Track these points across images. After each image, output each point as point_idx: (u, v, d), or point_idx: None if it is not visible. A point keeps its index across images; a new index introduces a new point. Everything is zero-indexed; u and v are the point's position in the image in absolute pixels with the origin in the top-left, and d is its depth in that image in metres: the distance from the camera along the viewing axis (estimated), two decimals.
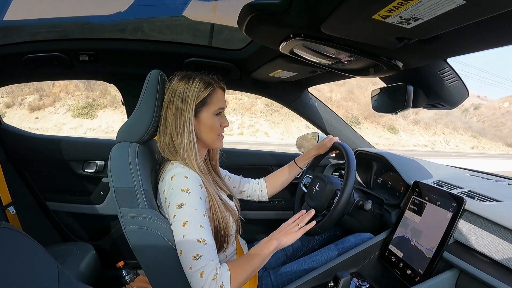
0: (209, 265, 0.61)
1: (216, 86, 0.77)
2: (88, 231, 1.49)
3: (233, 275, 0.63)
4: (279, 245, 0.71)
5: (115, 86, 1.31)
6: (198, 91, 0.74)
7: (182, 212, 0.64)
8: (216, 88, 0.77)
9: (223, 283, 0.60)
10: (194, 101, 0.74)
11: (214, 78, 0.79)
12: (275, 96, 1.38)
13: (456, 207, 0.71)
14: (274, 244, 0.70)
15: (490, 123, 22.65)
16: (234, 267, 0.65)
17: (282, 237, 0.72)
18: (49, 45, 1.12)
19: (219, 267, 0.62)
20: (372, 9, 0.42)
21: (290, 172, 1.07)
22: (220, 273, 0.61)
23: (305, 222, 0.76)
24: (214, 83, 0.77)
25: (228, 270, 0.63)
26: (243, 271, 0.65)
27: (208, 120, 0.77)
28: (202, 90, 0.74)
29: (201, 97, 0.74)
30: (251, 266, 0.67)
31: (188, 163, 0.72)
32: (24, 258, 0.35)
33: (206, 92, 0.75)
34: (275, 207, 1.46)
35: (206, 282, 0.59)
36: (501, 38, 0.50)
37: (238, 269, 0.65)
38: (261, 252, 0.69)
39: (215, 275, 0.60)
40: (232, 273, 0.63)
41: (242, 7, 0.59)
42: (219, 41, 1.18)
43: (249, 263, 0.67)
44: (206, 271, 0.60)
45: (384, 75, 0.86)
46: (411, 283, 0.72)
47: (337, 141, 1.02)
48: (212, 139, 0.79)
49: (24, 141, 1.37)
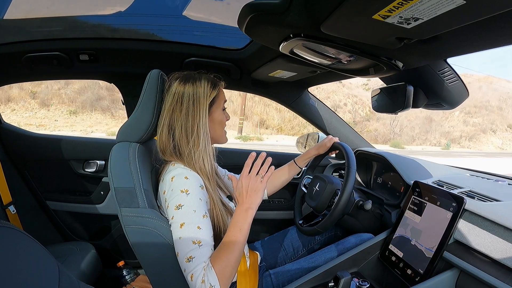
0: (199, 267, 0.59)
1: (220, 84, 0.78)
2: (89, 230, 1.49)
3: (218, 270, 0.59)
4: (255, 210, 0.67)
5: (115, 85, 1.31)
6: (208, 91, 0.74)
7: (180, 213, 0.64)
8: (220, 85, 0.78)
9: (212, 284, 0.57)
10: (207, 101, 0.73)
11: (216, 76, 0.80)
12: (275, 96, 1.38)
13: (456, 207, 0.71)
14: (250, 213, 0.66)
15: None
16: (217, 262, 0.60)
17: (253, 200, 0.67)
18: (49, 44, 1.12)
19: (207, 268, 0.59)
20: (372, 9, 0.42)
21: (290, 172, 1.07)
22: (207, 274, 0.58)
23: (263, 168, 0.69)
24: (218, 81, 0.78)
25: (212, 267, 0.59)
26: (228, 262, 0.60)
27: (219, 117, 0.78)
28: (212, 90, 0.74)
29: (212, 97, 0.74)
30: (234, 253, 0.62)
31: (196, 167, 0.71)
32: (24, 258, 0.35)
33: (215, 91, 0.75)
34: (275, 207, 1.46)
35: (197, 285, 0.58)
36: (501, 38, 0.50)
37: (221, 262, 0.60)
38: (239, 231, 0.64)
39: (202, 277, 0.58)
40: (217, 270, 0.59)
41: (242, 7, 0.59)
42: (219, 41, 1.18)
43: (231, 250, 0.62)
44: (196, 274, 0.58)
45: (384, 75, 0.86)
46: (411, 283, 0.72)
47: (337, 141, 1.03)
48: (221, 134, 0.81)
49: (24, 140, 1.37)
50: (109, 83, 1.32)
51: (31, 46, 1.12)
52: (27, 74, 1.25)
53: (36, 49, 1.12)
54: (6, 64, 1.18)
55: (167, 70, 0.83)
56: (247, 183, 0.68)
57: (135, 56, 1.19)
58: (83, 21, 1.10)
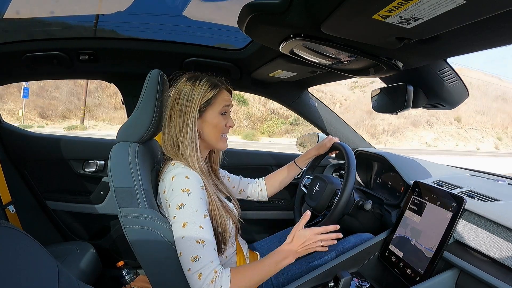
0: (208, 266, 0.60)
1: (222, 88, 0.78)
2: (88, 230, 1.49)
3: (234, 281, 0.61)
4: (294, 259, 0.69)
5: (115, 85, 1.31)
6: (204, 92, 0.74)
7: (182, 212, 0.64)
8: (222, 89, 0.78)
9: (223, 287, 0.59)
10: (199, 101, 0.73)
11: (221, 79, 0.79)
12: (275, 96, 1.38)
13: (456, 206, 0.71)
14: (291, 258, 0.68)
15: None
16: (238, 274, 0.63)
17: (302, 253, 0.70)
18: (49, 43, 1.12)
19: (220, 270, 0.61)
20: (372, 9, 0.42)
21: (290, 172, 1.07)
22: (220, 276, 0.60)
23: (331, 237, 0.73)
24: (221, 84, 0.78)
25: (230, 275, 0.62)
26: (248, 280, 0.63)
27: (213, 119, 0.77)
28: (208, 91, 0.74)
29: (206, 98, 0.74)
30: (258, 276, 0.64)
31: (189, 162, 0.72)
32: (24, 257, 0.35)
33: (211, 93, 0.75)
34: (275, 207, 1.46)
35: (204, 284, 0.59)
36: (501, 38, 0.50)
37: (242, 277, 0.62)
38: (274, 264, 0.67)
39: (213, 278, 0.59)
40: (234, 280, 0.61)
41: (242, 7, 0.59)
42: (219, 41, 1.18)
43: (257, 272, 0.65)
44: (204, 273, 0.59)
45: (384, 75, 0.86)
46: (411, 283, 0.72)
47: (337, 141, 1.03)
48: (216, 138, 0.79)
49: (24, 140, 1.37)
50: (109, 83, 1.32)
51: (31, 46, 1.12)
52: (27, 73, 1.25)
53: (36, 49, 1.12)
54: (6, 63, 1.17)
55: (167, 70, 0.83)
56: (311, 238, 0.71)
57: (135, 56, 1.19)
58: (83, 21, 1.10)
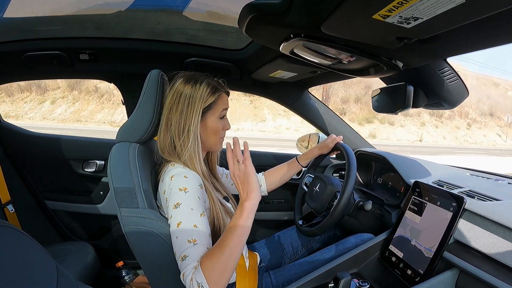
0: (191, 266, 0.58)
1: (222, 91, 0.77)
2: (88, 230, 1.49)
3: (206, 268, 0.55)
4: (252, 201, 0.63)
5: (115, 85, 1.31)
6: (206, 96, 0.73)
7: (178, 212, 0.64)
8: (222, 93, 0.77)
9: (198, 282, 0.55)
10: (201, 106, 0.72)
11: (220, 82, 0.79)
12: (276, 97, 1.38)
13: (456, 206, 0.71)
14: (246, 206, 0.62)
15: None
16: (205, 260, 0.57)
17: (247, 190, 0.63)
18: (49, 43, 1.12)
19: (198, 266, 0.57)
20: (372, 9, 0.42)
21: (290, 169, 1.07)
22: (196, 272, 0.56)
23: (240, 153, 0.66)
24: (221, 88, 0.77)
25: (200, 265, 0.56)
26: (217, 260, 0.56)
27: (213, 124, 0.76)
28: (210, 95, 0.73)
29: (208, 102, 0.74)
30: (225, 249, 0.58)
31: (189, 166, 0.72)
32: (22, 257, 0.35)
33: (213, 97, 0.74)
34: (275, 208, 1.46)
35: (187, 282, 0.57)
36: (501, 37, 0.50)
37: (209, 261, 0.56)
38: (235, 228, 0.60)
39: (191, 276, 0.56)
40: (204, 267, 0.56)
41: (242, 7, 0.59)
42: (219, 41, 1.18)
43: (223, 246, 0.58)
44: (186, 272, 0.58)
45: (384, 75, 0.86)
46: (411, 283, 0.72)
47: (340, 142, 1.02)
48: (214, 142, 0.79)
49: (23, 140, 1.37)
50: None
51: (31, 45, 1.12)
52: (27, 73, 1.25)
53: (36, 48, 1.12)
54: (6, 62, 1.17)
55: (167, 70, 0.83)
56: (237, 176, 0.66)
57: (135, 56, 1.19)
58: (83, 20, 1.10)
